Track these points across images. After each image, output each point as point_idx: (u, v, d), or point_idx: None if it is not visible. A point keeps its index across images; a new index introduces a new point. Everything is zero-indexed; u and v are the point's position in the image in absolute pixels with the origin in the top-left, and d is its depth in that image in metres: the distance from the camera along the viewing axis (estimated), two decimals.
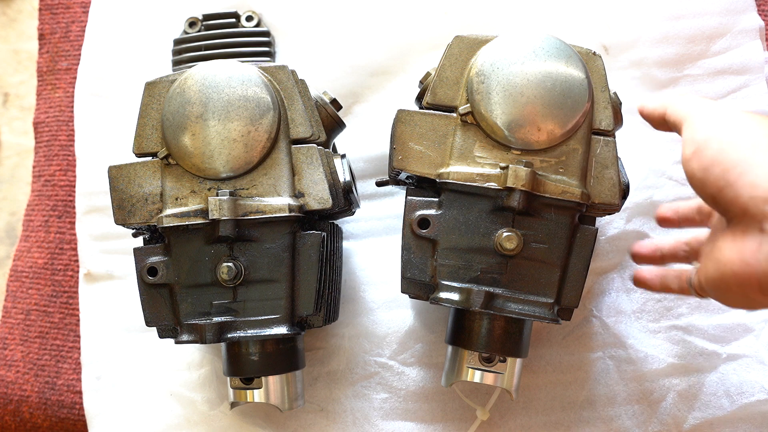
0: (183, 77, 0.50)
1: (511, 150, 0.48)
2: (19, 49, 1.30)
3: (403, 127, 0.49)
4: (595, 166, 0.48)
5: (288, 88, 0.50)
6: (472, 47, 0.49)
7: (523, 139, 0.47)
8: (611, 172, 0.48)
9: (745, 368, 0.58)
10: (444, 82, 0.49)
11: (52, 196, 0.70)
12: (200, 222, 0.48)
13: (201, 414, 0.61)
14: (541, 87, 0.47)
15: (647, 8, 0.62)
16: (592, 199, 0.48)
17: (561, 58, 0.48)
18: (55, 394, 0.66)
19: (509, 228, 0.47)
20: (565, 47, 0.48)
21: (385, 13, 0.65)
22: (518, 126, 0.47)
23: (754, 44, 0.61)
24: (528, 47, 0.48)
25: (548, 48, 0.48)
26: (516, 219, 0.48)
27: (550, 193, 0.47)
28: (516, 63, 0.47)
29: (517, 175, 0.46)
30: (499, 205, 0.47)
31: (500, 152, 0.48)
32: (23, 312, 0.69)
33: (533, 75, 0.47)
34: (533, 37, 0.48)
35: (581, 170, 0.48)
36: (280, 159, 0.49)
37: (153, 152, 0.50)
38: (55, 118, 0.72)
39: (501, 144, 0.48)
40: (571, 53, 0.48)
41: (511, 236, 0.47)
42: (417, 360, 0.60)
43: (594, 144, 0.49)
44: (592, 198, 0.48)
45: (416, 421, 0.59)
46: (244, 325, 0.48)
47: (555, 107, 0.47)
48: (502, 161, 0.47)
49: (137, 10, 0.68)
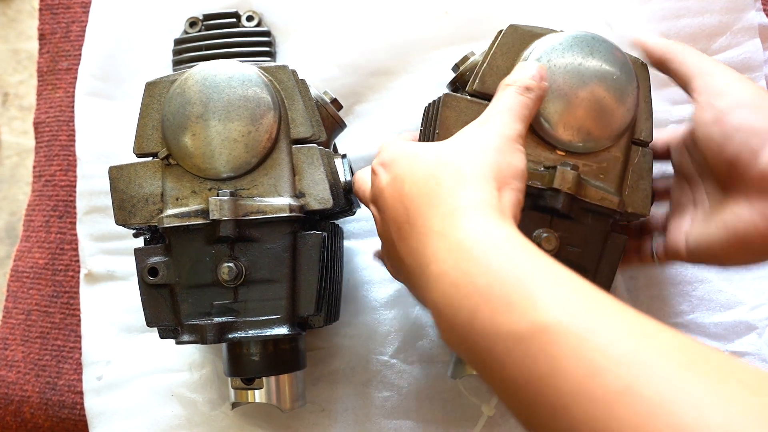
0: (183, 77, 0.49)
1: (555, 150, 0.47)
2: (19, 49, 1.30)
3: (449, 112, 0.47)
4: (631, 176, 0.48)
5: (288, 88, 0.50)
6: (526, 39, 0.48)
7: (571, 140, 0.46)
8: (645, 183, 0.48)
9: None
10: (494, 70, 0.47)
11: (53, 197, 0.70)
12: (201, 222, 0.48)
13: (202, 414, 0.61)
14: (596, 90, 0.46)
15: (647, 7, 0.62)
16: (625, 207, 0.47)
17: (616, 64, 0.47)
18: (56, 394, 0.66)
19: (547, 229, 0.47)
20: (620, 53, 0.47)
21: (386, 12, 0.64)
22: (569, 127, 0.46)
23: (754, 42, 0.61)
24: (586, 48, 0.47)
25: (605, 52, 0.47)
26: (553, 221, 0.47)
27: (590, 198, 0.46)
28: (573, 63, 0.46)
29: (564, 177, 0.45)
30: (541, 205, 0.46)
31: (545, 151, 0.47)
32: (24, 312, 0.69)
33: (589, 77, 0.46)
34: (591, 39, 0.47)
35: (619, 178, 0.47)
36: (281, 159, 0.49)
37: (153, 152, 0.50)
38: (55, 118, 0.72)
39: (546, 143, 0.47)
40: (625, 60, 0.47)
41: (549, 237, 0.46)
42: (419, 358, 0.60)
43: (633, 154, 0.48)
44: (626, 206, 0.48)
45: (418, 419, 0.59)
46: (245, 326, 0.48)
47: (607, 113, 0.46)
48: (546, 161, 0.47)
49: (137, 10, 0.68)
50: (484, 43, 0.62)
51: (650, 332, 0.28)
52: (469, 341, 0.32)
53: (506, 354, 0.30)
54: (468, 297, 0.32)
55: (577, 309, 0.29)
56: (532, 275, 0.31)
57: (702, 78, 0.44)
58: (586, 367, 0.27)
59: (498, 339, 0.30)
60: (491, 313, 0.31)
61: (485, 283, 0.32)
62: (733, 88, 0.42)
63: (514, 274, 0.31)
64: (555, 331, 0.28)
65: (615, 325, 0.28)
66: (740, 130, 0.41)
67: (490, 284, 0.31)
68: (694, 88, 0.44)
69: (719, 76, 0.43)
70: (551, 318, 0.29)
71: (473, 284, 0.32)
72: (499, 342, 0.30)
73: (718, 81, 0.43)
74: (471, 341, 0.32)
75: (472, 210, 0.35)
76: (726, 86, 0.43)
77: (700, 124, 0.43)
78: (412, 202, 0.38)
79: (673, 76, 0.47)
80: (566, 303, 0.29)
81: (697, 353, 0.27)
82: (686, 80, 0.45)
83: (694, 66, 0.45)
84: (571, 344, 0.28)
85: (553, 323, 0.29)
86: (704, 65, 0.44)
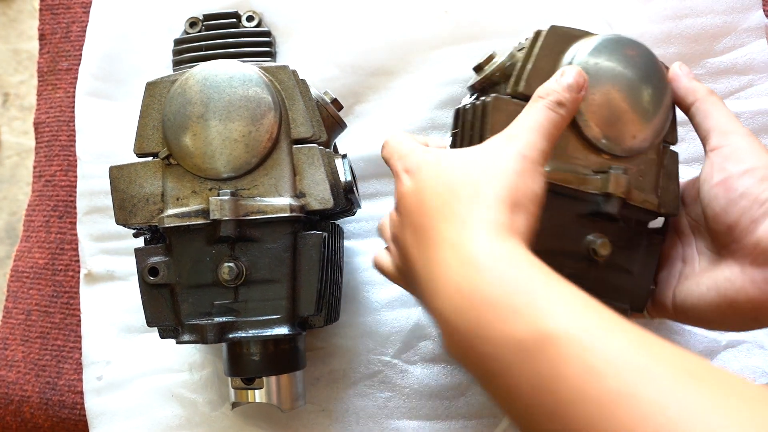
0: (184, 77, 0.49)
1: (602, 153, 0.46)
2: (19, 49, 1.30)
3: (498, 116, 0.45)
4: (662, 177, 0.48)
5: (289, 88, 0.50)
6: (566, 40, 0.47)
7: (617, 144, 0.46)
8: (674, 185, 0.48)
9: (745, 354, 0.58)
10: (538, 72, 0.46)
11: (53, 197, 0.70)
12: (201, 222, 0.48)
13: (202, 415, 0.61)
14: (642, 94, 0.46)
15: (650, 7, 0.62)
16: (659, 208, 0.48)
17: (657, 69, 0.47)
18: (56, 394, 0.66)
19: (599, 234, 0.46)
20: (656, 58, 0.47)
21: (386, 12, 0.64)
22: (616, 130, 0.46)
23: (759, 43, 0.60)
24: (628, 52, 0.46)
25: (645, 56, 0.47)
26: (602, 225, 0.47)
27: (635, 200, 0.46)
28: (619, 66, 0.46)
29: (618, 181, 0.45)
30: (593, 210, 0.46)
31: (592, 155, 0.46)
32: (24, 312, 0.69)
33: (636, 81, 0.46)
34: (631, 44, 0.47)
35: (656, 180, 0.48)
36: (281, 159, 0.49)
37: (154, 152, 0.50)
38: (55, 118, 0.72)
39: (592, 146, 0.46)
40: (661, 65, 0.47)
41: (604, 242, 0.46)
42: (421, 358, 0.60)
43: (664, 155, 0.48)
44: (660, 208, 0.48)
45: (420, 419, 0.59)
46: (245, 326, 0.48)
47: (650, 116, 0.46)
48: (593, 164, 0.46)
49: (137, 10, 0.68)
50: (484, 43, 0.62)
51: (651, 343, 0.29)
52: (472, 349, 0.33)
53: (510, 361, 0.31)
54: (473, 305, 0.33)
55: (581, 319, 0.30)
56: (538, 287, 0.32)
57: (721, 137, 0.43)
58: (587, 373, 0.28)
59: (502, 347, 0.31)
60: (496, 322, 0.32)
61: (491, 292, 0.33)
62: (749, 154, 0.42)
63: (520, 285, 0.32)
64: (558, 338, 0.29)
65: (617, 335, 0.29)
66: (745, 197, 0.40)
67: (496, 294, 0.32)
68: (710, 145, 0.44)
69: (738, 139, 0.43)
70: (556, 326, 0.30)
71: (480, 293, 0.33)
72: (503, 350, 0.31)
73: (736, 144, 0.42)
74: (474, 349, 0.33)
75: (484, 227, 0.36)
76: (743, 151, 0.42)
77: (706, 181, 0.43)
78: (430, 211, 0.38)
79: (694, 123, 0.46)
80: (571, 313, 0.31)
81: (698, 365, 0.28)
82: (705, 133, 0.44)
83: (717, 122, 0.44)
84: (574, 351, 0.29)
85: (557, 331, 0.30)
86: (727, 124, 0.44)
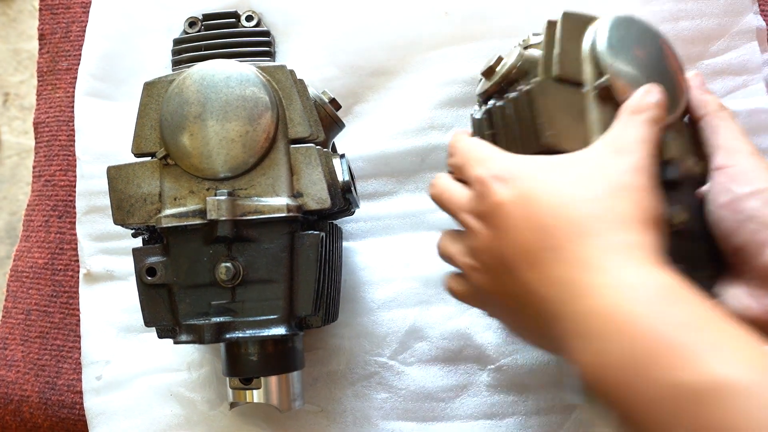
0: (181, 77, 0.49)
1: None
2: (19, 49, 1.30)
3: (547, 100, 0.44)
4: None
5: (286, 88, 0.50)
6: (580, 25, 0.47)
7: None
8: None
9: None
10: (567, 55, 0.46)
11: (53, 196, 0.70)
12: (199, 222, 0.48)
13: (201, 414, 0.61)
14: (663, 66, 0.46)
15: (647, 8, 0.62)
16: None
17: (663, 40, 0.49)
18: (55, 394, 0.66)
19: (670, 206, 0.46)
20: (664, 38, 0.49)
21: (385, 12, 0.64)
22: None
23: (752, 45, 0.61)
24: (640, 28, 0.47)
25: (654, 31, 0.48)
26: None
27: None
28: (639, 41, 0.47)
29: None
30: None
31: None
32: (23, 312, 0.69)
33: (656, 55, 0.47)
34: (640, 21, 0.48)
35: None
36: (279, 159, 0.49)
37: (152, 152, 0.50)
38: (55, 118, 0.72)
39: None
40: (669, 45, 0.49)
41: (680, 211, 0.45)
42: (417, 359, 0.60)
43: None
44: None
45: (417, 420, 0.59)
46: (242, 326, 0.48)
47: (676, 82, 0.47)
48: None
49: (137, 10, 0.68)
50: (484, 43, 0.62)
51: None
52: (629, 390, 0.31)
53: (676, 409, 0.29)
54: (634, 342, 0.31)
55: (751, 366, 0.29)
56: (705, 329, 0.31)
57: (727, 156, 0.43)
58: (761, 427, 0.27)
59: (669, 393, 0.30)
60: (663, 365, 0.30)
61: (655, 330, 0.31)
62: (755, 176, 0.41)
63: (687, 325, 0.31)
64: (730, 387, 0.28)
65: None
66: (752, 220, 0.40)
67: (662, 333, 0.31)
68: (716, 163, 0.43)
69: (745, 159, 0.42)
70: (726, 374, 0.29)
71: (641, 329, 0.31)
72: (669, 395, 0.29)
73: (743, 164, 0.42)
74: (632, 390, 0.31)
75: (632, 252, 0.34)
76: (749, 172, 0.41)
77: (712, 201, 0.42)
78: (547, 228, 0.36)
79: (701, 137, 0.45)
80: (740, 359, 0.29)
81: None
82: (711, 150, 0.44)
83: (724, 140, 0.43)
84: (747, 403, 0.28)
85: (728, 379, 0.29)
86: (734, 142, 0.43)
